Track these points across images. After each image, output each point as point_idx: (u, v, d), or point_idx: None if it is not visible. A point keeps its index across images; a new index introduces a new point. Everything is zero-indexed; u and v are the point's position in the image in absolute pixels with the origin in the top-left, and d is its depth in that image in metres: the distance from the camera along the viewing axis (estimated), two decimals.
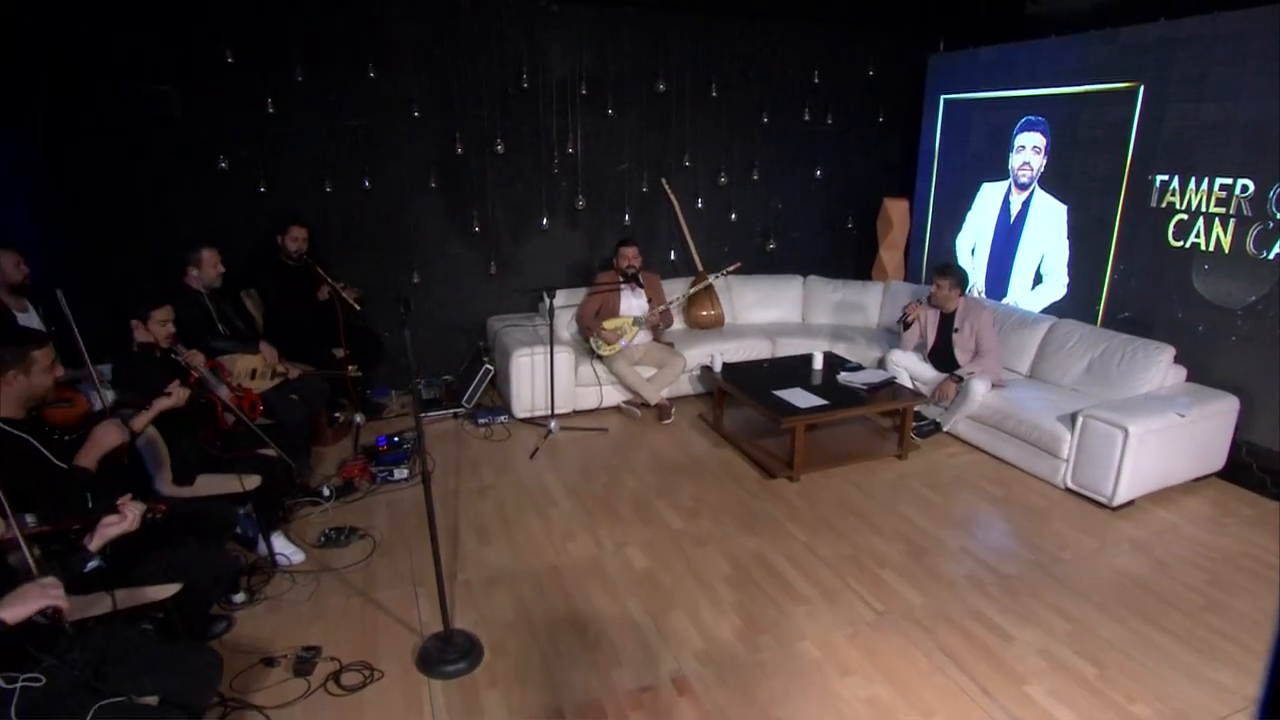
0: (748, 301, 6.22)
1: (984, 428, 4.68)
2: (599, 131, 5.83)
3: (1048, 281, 5.43)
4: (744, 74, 6.12)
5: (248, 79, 4.93)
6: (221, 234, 4.70)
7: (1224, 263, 4.31)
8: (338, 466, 4.47)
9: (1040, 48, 5.30)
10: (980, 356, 4.71)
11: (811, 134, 6.48)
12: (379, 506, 4.11)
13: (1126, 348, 4.48)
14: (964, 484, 4.35)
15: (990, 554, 3.61)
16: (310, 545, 3.68)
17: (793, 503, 4.10)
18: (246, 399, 3.80)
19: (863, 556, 3.57)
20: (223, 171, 5.03)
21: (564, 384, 5.18)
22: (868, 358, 5.45)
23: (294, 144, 5.16)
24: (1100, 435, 3.95)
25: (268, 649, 2.92)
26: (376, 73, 5.19)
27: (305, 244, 4.84)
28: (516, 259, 5.90)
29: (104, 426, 2.58)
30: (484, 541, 3.75)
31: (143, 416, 2.96)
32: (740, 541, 3.71)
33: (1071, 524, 3.89)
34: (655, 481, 4.37)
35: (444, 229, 5.67)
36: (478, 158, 5.58)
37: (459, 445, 4.93)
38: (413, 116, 5.35)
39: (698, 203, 6.23)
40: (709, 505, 4.08)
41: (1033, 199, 5.49)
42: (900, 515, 3.96)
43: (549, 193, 5.83)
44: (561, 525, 3.90)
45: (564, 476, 4.46)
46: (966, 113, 5.99)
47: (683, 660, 2.87)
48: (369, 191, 5.40)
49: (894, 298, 5.99)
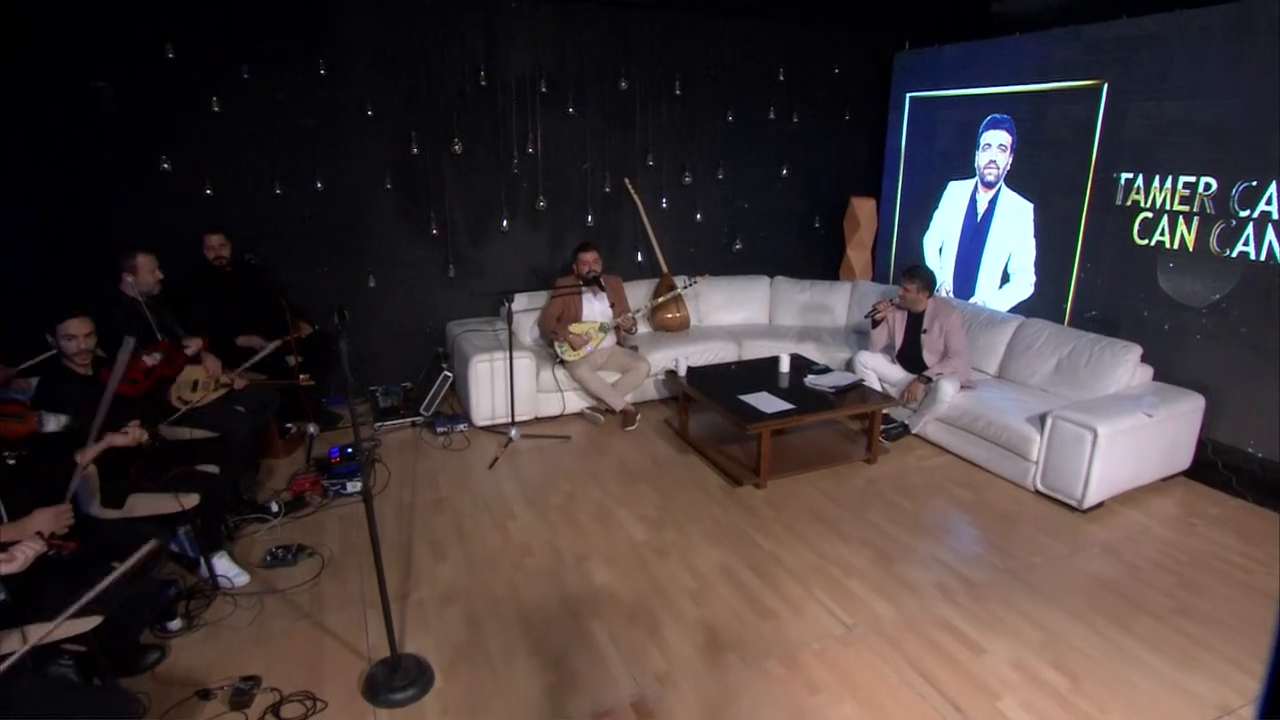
0: (714, 303, 6.11)
1: (953, 430, 4.61)
2: (560, 130, 5.69)
3: (1015, 280, 5.40)
4: (708, 72, 6.02)
5: (191, 76, 4.73)
6: (165, 238, 4.49)
7: (1188, 261, 4.29)
8: (289, 480, 4.29)
9: (1005, 45, 5.27)
10: (949, 357, 4.65)
11: (777, 132, 6.39)
12: (331, 522, 3.94)
13: (1094, 347, 4.44)
14: (933, 488, 4.27)
15: (960, 561, 3.53)
16: (255, 565, 3.50)
17: (759, 511, 3.99)
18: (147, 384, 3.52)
19: (830, 566, 3.47)
20: (165, 173, 4.82)
21: (525, 391, 5.03)
22: (836, 359, 5.37)
23: (242, 144, 4.96)
24: (1069, 437, 3.89)
25: (204, 680, 2.75)
26: (328, 70, 5.01)
27: (226, 251, 4.62)
28: (476, 261, 5.74)
29: (42, 515, 2.38)
30: (439, 558, 3.60)
31: (90, 450, 2.78)
32: (705, 553, 3.59)
33: (1042, 528, 3.83)
34: (618, 490, 4.24)
35: (401, 231, 5.49)
36: (435, 158, 5.42)
37: (416, 455, 4.76)
38: (366, 116, 5.18)
39: (662, 203, 6.11)
40: (673, 515, 3.96)
41: (999, 197, 5.45)
42: (869, 522, 3.87)
43: (509, 193, 5.67)
44: (520, 539, 3.75)
45: (524, 487, 4.31)
46: (932, 111, 5.94)
47: (643, 682, 2.74)
48: (322, 193, 5.21)
49: (861, 298, 5.92)
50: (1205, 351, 4.26)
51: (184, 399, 3.83)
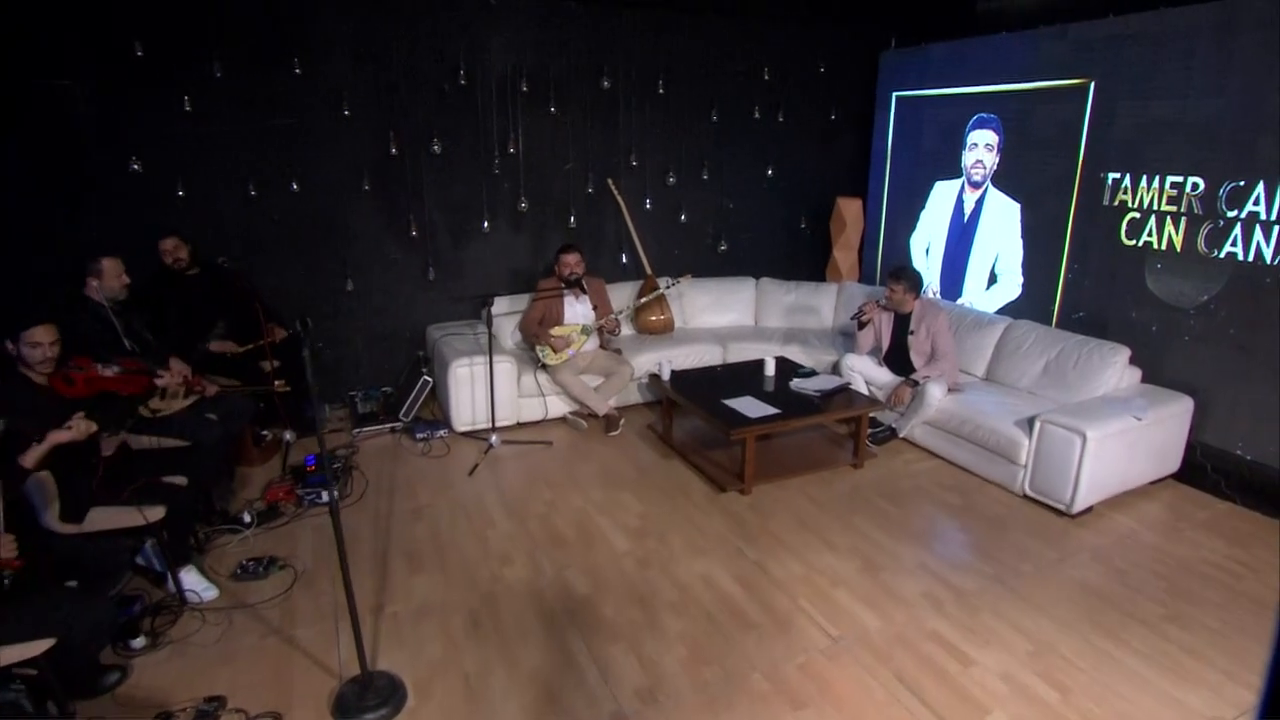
0: (698, 305, 6.03)
1: (941, 433, 4.55)
2: (542, 130, 5.59)
3: (1002, 281, 5.34)
4: (692, 70, 5.94)
5: (161, 74, 4.60)
6: (136, 241, 4.38)
7: (1176, 262, 4.24)
8: (263, 488, 4.18)
9: (991, 44, 5.21)
10: (936, 360, 4.59)
11: (763, 132, 6.32)
12: (305, 532, 3.83)
13: (1082, 349, 4.39)
14: (921, 493, 4.21)
15: (949, 569, 3.46)
16: (225, 578, 3.40)
17: (743, 518, 3.92)
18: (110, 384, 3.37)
19: (816, 576, 3.40)
20: (136, 174, 4.69)
21: (506, 395, 4.94)
22: (822, 362, 5.30)
23: (215, 144, 4.82)
24: (1058, 440, 3.83)
25: (166, 701, 2.64)
26: (303, 68, 4.89)
27: (184, 254, 4.47)
28: (457, 263, 5.63)
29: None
30: (415, 569, 3.50)
31: (34, 451, 2.66)
32: (687, 563, 3.51)
33: (1031, 534, 3.77)
34: (600, 498, 4.15)
35: (379, 233, 5.38)
36: (414, 158, 5.30)
37: (395, 462, 4.66)
38: (343, 115, 5.06)
39: (646, 203, 6.03)
40: (655, 523, 3.87)
41: (986, 197, 5.40)
42: (855, 529, 3.80)
43: (490, 194, 5.57)
44: (499, 548, 3.66)
45: (504, 494, 4.21)
46: (919, 110, 5.89)
47: (623, 699, 2.65)
48: (298, 195, 5.09)
49: (848, 299, 5.85)
50: (1193, 353, 4.22)
51: (152, 406, 3.72)
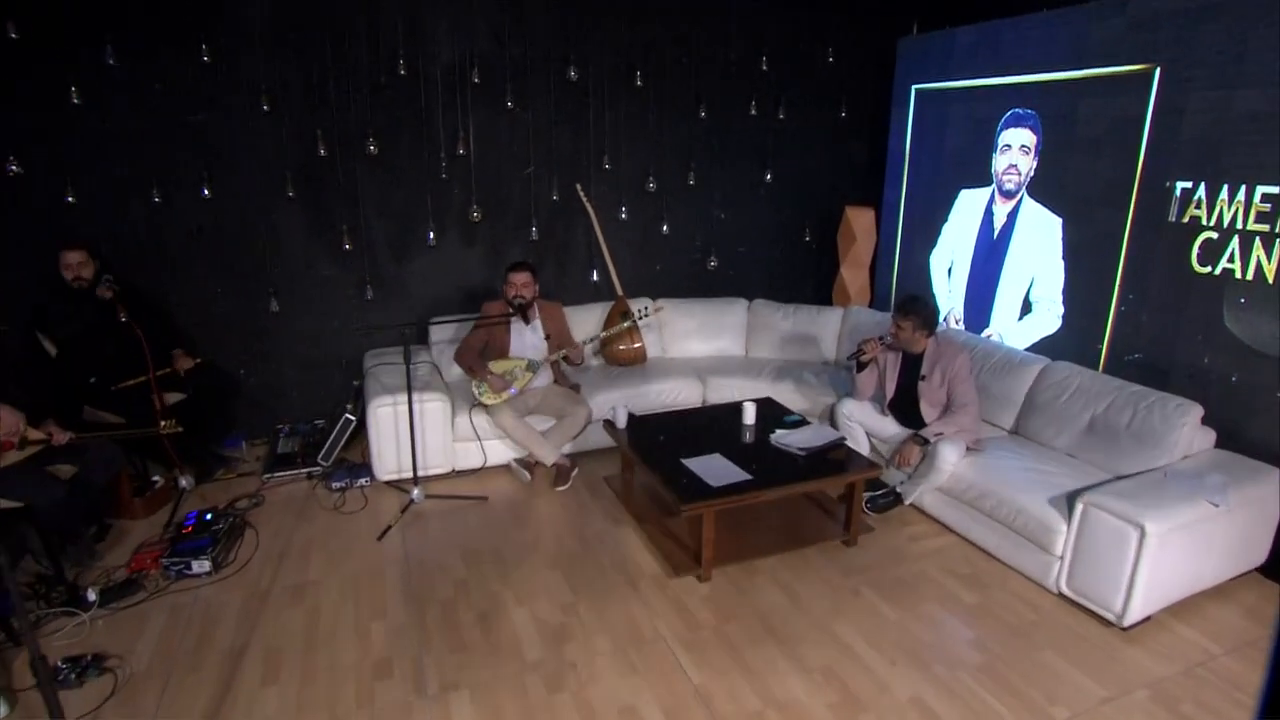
0: (680, 331, 5.20)
1: (957, 503, 3.67)
2: (497, 129, 4.84)
3: (1038, 311, 4.43)
4: (676, 59, 5.14)
5: (41, 61, 3.96)
6: (14, 255, 3.86)
7: (1265, 295, 3.31)
8: (133, 551, 3.51)
9: (1031, 25, 4.32)
10: (953, 412, 3.71)
11: (760, 131, 5.50)
12: (158, 616, 3.13)
13: (1139, 404, 3.48)
14: (927, 585, 3.33)
15: (954, 710, 2.60)
16: (29, 688, 2.69)
17: (696, 617, 3.09)
18: None
19: (774, 715, 2.56)
20: (15, 176, 4.05)
21: (439, 440, 4.19)
22: (818, 403, 4.44)
23: (110, 143, 4.19)
24: (1107, 531, 2.94)
25: None
26: (212, 55, 4.22)
27: (88, 272, 3.92)
28: (399, 281, 4.91)
29: None
30: (269, 678, 2.75)
31: None
32: (610, 685, 2.70)
33: (1068, 655, 2.87)
34: (524, 579, 3.36)
35: (308, 246, 4.68)
36: (346, 161, 4.60)
37: (300, 518, 3.93)
38: (261, 111, 4.37)
39: (621, 213, 5.23)
40: (584, 621, 3.07)
41: (1020, 209, 4.49)
42: (836, 640, 2.95)
43: (437, 202, 4.83)
44: (380, 651, 2.89)
45: (409, 570, 3.45)
46: (942, 105, 5.00)
47: None
48: (210, 201, 4.43)
49: (855, 327, 4.99)
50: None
51: None
